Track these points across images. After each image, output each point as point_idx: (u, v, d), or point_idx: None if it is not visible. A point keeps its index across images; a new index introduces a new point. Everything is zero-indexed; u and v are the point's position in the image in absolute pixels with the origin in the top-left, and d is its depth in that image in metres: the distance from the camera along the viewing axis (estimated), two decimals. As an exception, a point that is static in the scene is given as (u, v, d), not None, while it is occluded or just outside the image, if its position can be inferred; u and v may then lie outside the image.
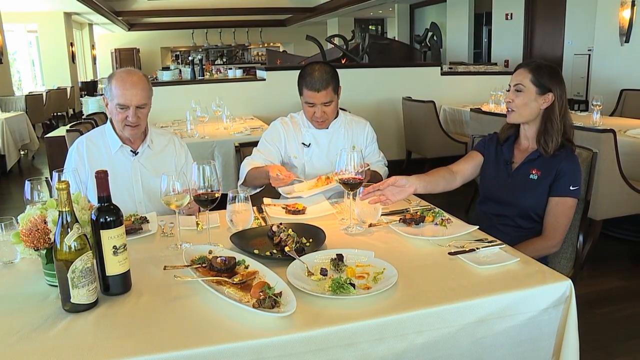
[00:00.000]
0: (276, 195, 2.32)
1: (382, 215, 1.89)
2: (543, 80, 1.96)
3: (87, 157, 2.19)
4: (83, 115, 7.31)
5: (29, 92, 11.13)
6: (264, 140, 2.51)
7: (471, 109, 4.74)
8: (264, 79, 5.98)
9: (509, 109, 2.04)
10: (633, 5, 6.68)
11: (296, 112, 2.57)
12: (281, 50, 19.23)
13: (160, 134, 2.37)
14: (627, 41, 6.87)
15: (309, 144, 2.48)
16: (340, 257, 1.48)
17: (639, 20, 6.68)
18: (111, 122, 2.22)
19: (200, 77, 6.57)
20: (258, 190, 2.43)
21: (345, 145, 2.46)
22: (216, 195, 1.65)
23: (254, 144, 2.59)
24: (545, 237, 1.97)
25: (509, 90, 2.04)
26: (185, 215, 2.00)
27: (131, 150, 2.23)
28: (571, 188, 1.94)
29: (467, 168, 2.16)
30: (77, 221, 1.25)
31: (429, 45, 12.25)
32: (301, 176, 2.41)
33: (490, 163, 2.15)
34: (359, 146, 2.49)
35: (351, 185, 1.81)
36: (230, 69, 7.07)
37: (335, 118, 2.49)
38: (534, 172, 2.00)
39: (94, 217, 1.30)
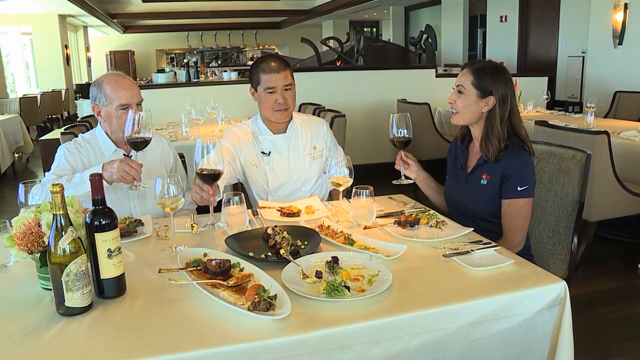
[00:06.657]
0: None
1: (377, 217, 1.89)
2: (484, 84, 1.91)
3: (81, 159, 2.18)
4: (77, 117, 7.30)
5: (23, 95, 11.12)
6: (224, 142, 2.27)
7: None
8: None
9: (452, 110, 2.01)
10: (626, 8, 6.74)
11: (249, 120, 2.43)
12: (276, 52, 19.23)
13: None
14: (620, 43, 6.93)
15: (269, 152, 2.34)
16: (335, 259, 1.48)
17: (632, 22, 6.74)
18: (101, 127, 2.22)
19: (195, 80, 6.57)
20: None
21: (305, 148, 2.39)
22: (219, 170, 1.68)
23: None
24: (504, 239, 1.93)
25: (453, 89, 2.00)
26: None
27: (124, 154, 2.22)
28: (519, 189, 1.89)
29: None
30: (71, 224, 1.24)
31: (423, 47, 12.33)
32: (266, 188, 2.33)
33: (451, 167, 2.14)
34: (320, 148, 2.42)
35: None
36: (225, 71, 7.06)
37: (291, 120, 2.38)
38: (484, 176, 1.97)
39: (88, 220, 1.30)
